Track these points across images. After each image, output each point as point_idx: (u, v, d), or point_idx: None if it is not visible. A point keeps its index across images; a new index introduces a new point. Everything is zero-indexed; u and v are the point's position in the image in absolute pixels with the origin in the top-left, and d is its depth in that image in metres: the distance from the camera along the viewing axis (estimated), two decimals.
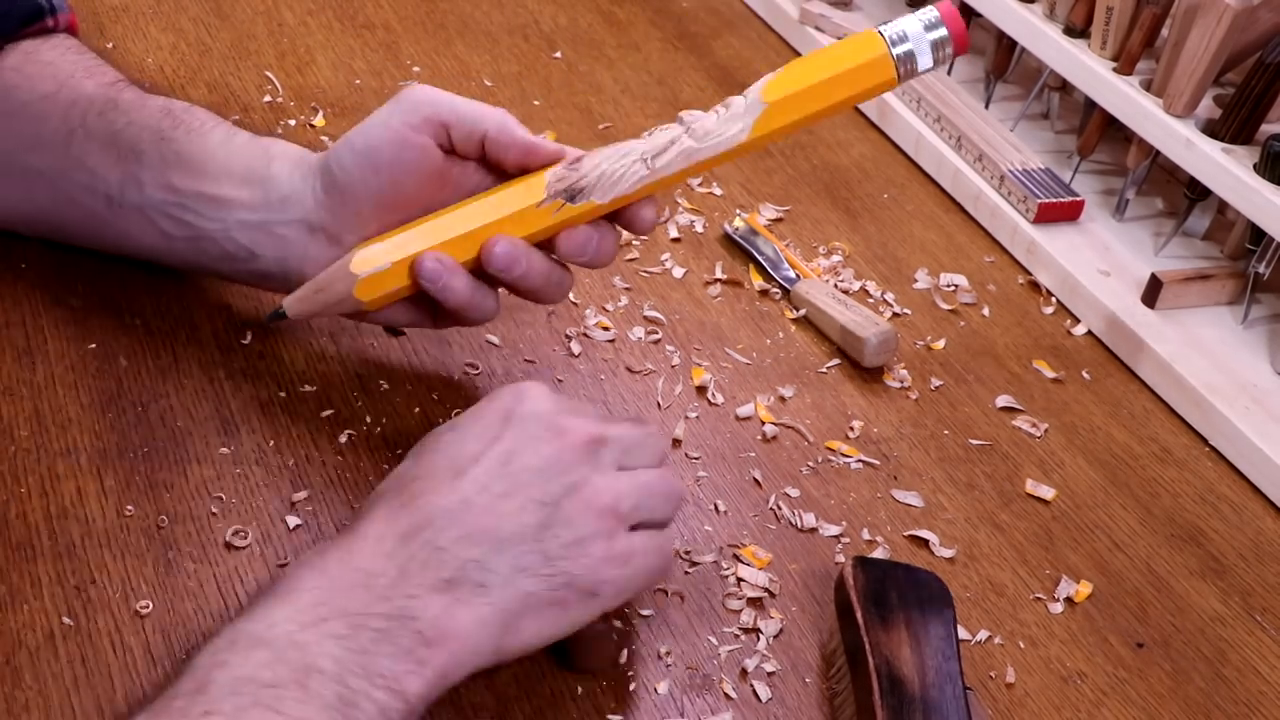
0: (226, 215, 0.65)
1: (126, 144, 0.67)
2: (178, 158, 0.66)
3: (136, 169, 0.66)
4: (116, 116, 0.67)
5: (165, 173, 0.66)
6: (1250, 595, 0.70)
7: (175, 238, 0.67)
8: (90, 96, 0.68)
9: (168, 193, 0.66)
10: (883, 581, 0.59)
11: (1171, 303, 0.87)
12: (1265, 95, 0.83)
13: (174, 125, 0.67)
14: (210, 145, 0.66)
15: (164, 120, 0.67)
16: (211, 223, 0.66)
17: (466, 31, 1.08)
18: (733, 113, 0.64)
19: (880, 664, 0.56)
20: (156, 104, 0.68)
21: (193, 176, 0.66)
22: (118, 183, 0.67)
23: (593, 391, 0.74)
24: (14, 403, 0.65)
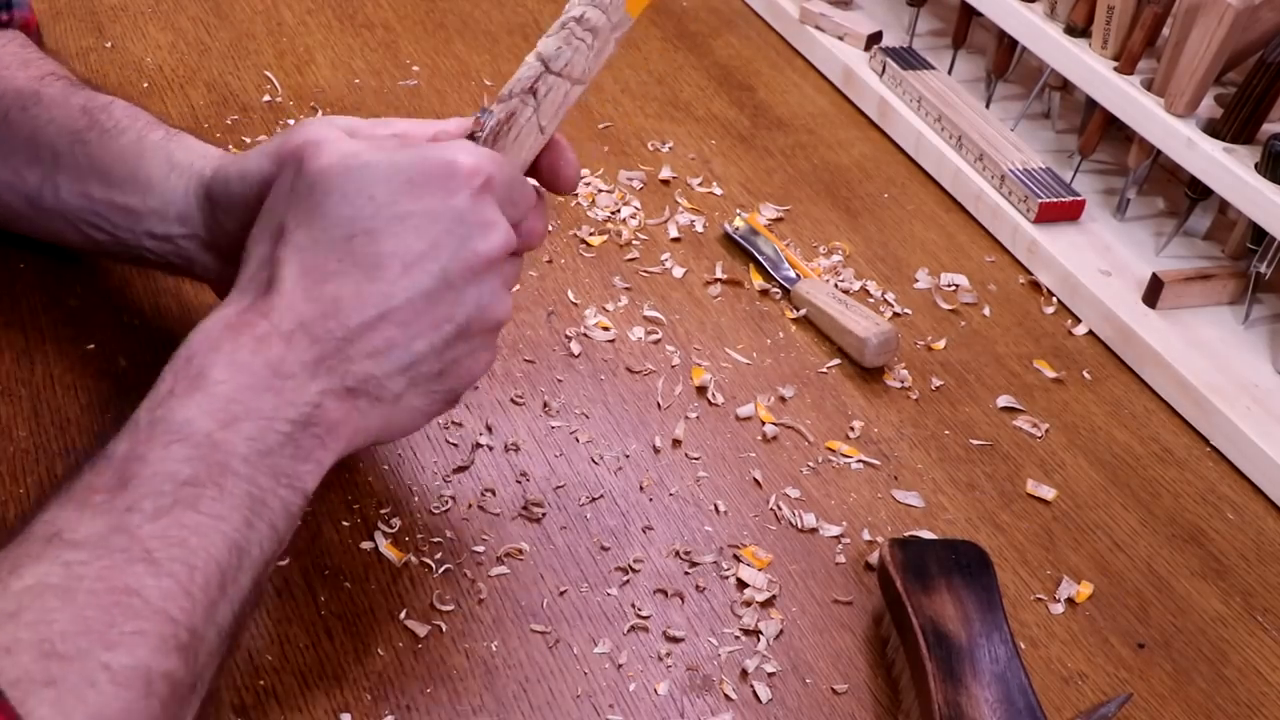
0: (136, 226, 0.64)
1: (46, 144, 0.65)
2: (90, 163, 0.64)
3: (54, 172, 0.65)
4: (39, 112, 0.66)
5: (81, 179, 0.64)
6: (1252, 596, 0.70)
7: (99, 242, 0.66)
8: (18, 89, 0.67)
9: (83, 199, 0.65)
10: (921, 555, 0.62)
11: (1173, 302, 0.87)
12: (1266, 95, 0.82)
13: (89, 126, 0.65)
14: (118, 150, 0.64)
15: (81, 120, 0.65)
16: (125, 233, 0.64)
17: (466, 31, 1.08)
18: (601, 40, 0.59)
19: (925, 623, 0.58)
20: (77, 101, 0.66)
21: (104, 185, 0.64)
22: (36, 185, 0.66)
23: (593, 391, 0.74)
24: (13, 403, 0.65)
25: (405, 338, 0.53)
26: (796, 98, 1.08)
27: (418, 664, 0.58)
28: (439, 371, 0.55)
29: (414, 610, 0.60)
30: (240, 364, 0.50)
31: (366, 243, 0.52)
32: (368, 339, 0.52)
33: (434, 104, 0.97)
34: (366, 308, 0.52)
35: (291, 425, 0.50)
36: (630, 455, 0.70)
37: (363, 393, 0.53)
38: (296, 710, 0.55)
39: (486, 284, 0.55)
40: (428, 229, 0.53)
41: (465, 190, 0.54)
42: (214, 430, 0.48)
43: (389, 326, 0.53)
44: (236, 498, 0.48)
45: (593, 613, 0.62)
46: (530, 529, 0.65)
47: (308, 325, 0.52)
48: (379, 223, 0.53)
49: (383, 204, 0.53)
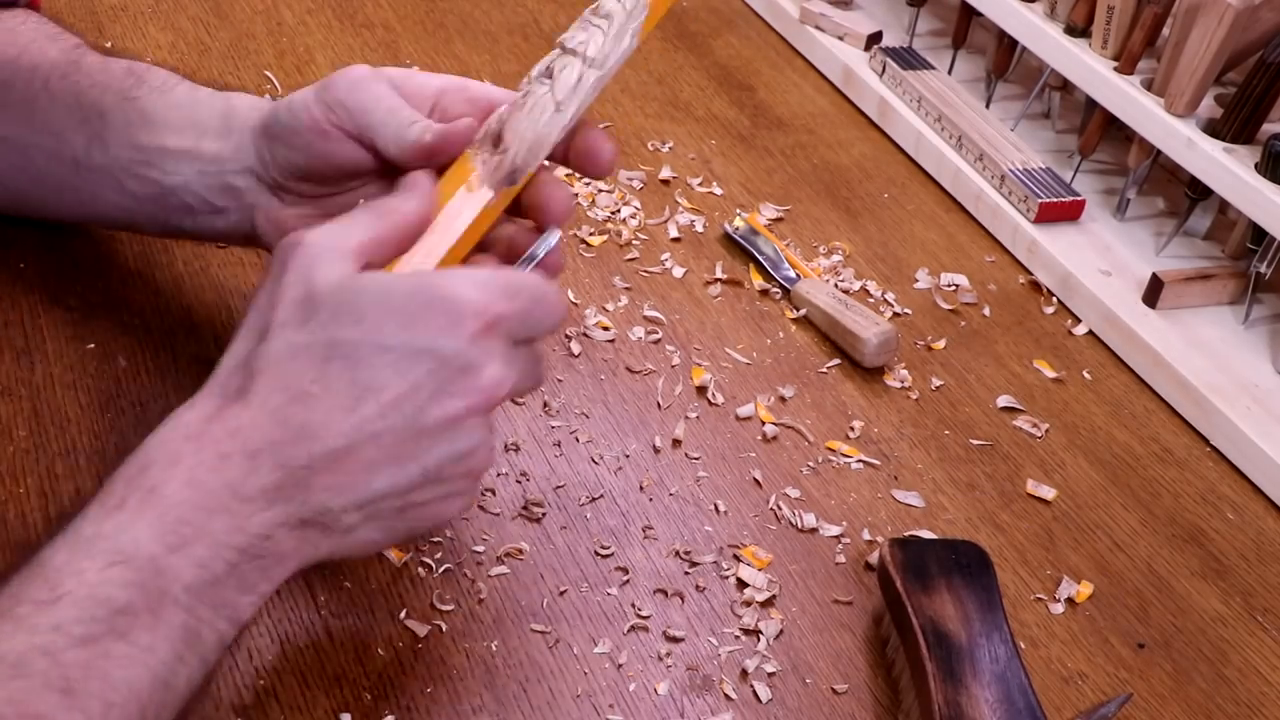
0: (187, 168, 0.64)
1: (91, 105, 0.66)
2: (141, 115, 0.65)
3: (101, 129, 0.65)
4: (80, 79, 0.66)
5: (129, 131, 0.65)
6: (1252, 596, 0.70)
7: (140, 196, 0.66)
8: (53, 61, 0.67)
9: (132, 150, 0.65)
10: (921, 555, 0.62)
11: (1173, 302, 0.87)
12: (1266, 95, 0.82)
13: (137, 84, 0.66)
14: (172, 101, 0.65)
15: (127, 80, 0.66)
16: (173, 177, 0.64)
17: (466, 31, 1.08)
18: (618, 24, 0.59)
19: (925, 623, 0.58)
20: (120, 65, 0.67)
21: (156, 132, 0.65)
22: (83, 145, 0.66)
23: (593, 391, 0.74)
24: (13, 403, 0.65)
25: (367, 475, 0.50)
26: (796, 98, 1.08)
27: (418, 664, 0.58)
28: (399, 509, 0.52)
29: (414, 610, 0.60)
30: (198, 482, 0.48)
31: (344, 369, 0.50)
32: (330, 472, 0.50)
33: None
34: (333, 438, 0.49)
35: (240, 554, 0.48)
36: (630, 455, 0.70)
37: (315, 524, 0.50)
38: (296, 710, 0.55)
39: (466, 432, 0.52)
40: (409, 368, 0.50)
41: (462, 331, 0.51)
42: (160, 555, 0.46)
43: (352, 462, 0.50)
44: (172, 629, 0.46)
45: (593, 613, 0.62)
46: (530, 529, 0.65)
47: (273, 449, 0.49)
48: (361, 351, 0.50)
49: (368, 331, 0.50)
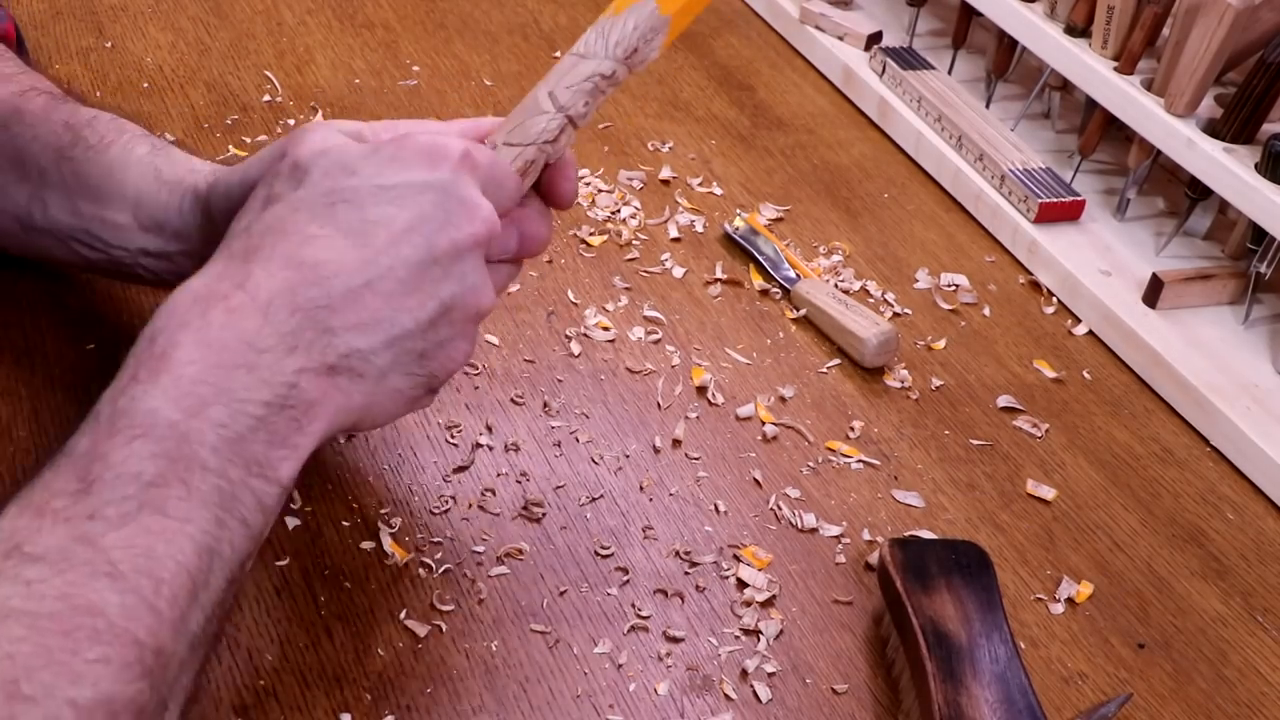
0: (129, 243, 0.63)
1: (31, 162, 0.64)
2: (77, 180, 0.63)
3: (41, 190, 0.64)
4: (21, 130, 0.64)
5: (69, 196, 0.63)
6: (1252, 596, 0.70)
7: (92, 260, 0.64)
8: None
9: (73, 218, 0.63)
10: (921, 555, 0.62)
11: (1173, 302, 0.87)
12: (1266, 95, 0.82)
13: (73, 142, 0.64)
14: (104, 165, 0.63)
15: (64, 136, 0.64)
16: (118, 250, 0.63)
17: (466, 31, 1.08)
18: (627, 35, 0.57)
19: (925, 623, 0.58)
20: (59, 116, 0.65)
21: (93, 202, 0.63)
22: (24, 204, 0.64)
23: (593, 391, 0.74)
24: (13, 403, 0.65)
25: (390, 310, 0.51)
26: (796, 98, 1.08)
27: (418, 664, 0.58)
28: (422, 352, 0.52)
29: (414, 610, 0.60)
30: (210, 340, 0.47)
31: (350, 210, 0.51)
32: (352, 309, 0.50)
33: (434, 104, 0.97)
34: (351, 274, 0.50)
35: (265, 407, 0.47)
36: (630, 455, 0.70)
37: (344, 369, 0.50)
38: (296, 710, 0.55)
39: (471, 265, 0.53)
40: (413, 200, 0.51)
41: (446, 165, 0.52)
42: (180, 420, 0.45)
43: (374, 297, 0.50)
44: (205, 494, 0.45)
45: (593, 613, 0.62)
46: (530, 529, 0.65)
47: (287, 292, 0.49)
48: (363, 193, 0.51)
49: (366, 176, 0.52)
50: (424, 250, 0.51)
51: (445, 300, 0.52)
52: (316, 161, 0.52)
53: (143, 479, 0.44)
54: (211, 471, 0.46)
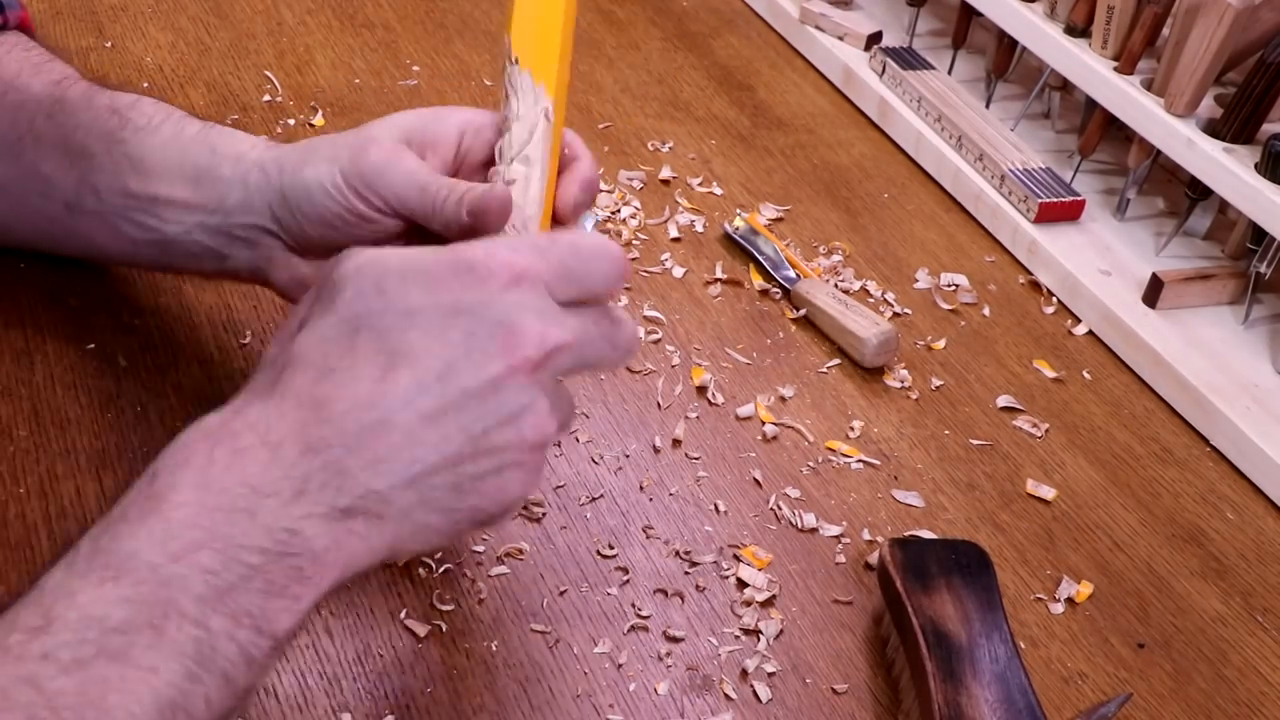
0: (186, 218, 0.62)
1: (78, 148, 0.64)
2: (129, 160, 0.63)
3: (90, 174, 0.64)
4: (65, 119, 0.64)
5: (120, 177, 0.63)
6: (1251, 595, 0.70)
7: (139, 241, 0.64)
8: (38, 98, 0.65)
9: (125, 198, 0.63)
10: (921, 555, 0.62)
11: (1172, 302, 0.87)
12: (1266, 95, 0.82)
13: (121, 125, 0.63)
14: (158, 144, 0.63)
15: (111, 120, 0.64)
16: (172, 226, 0.63)
17: (466, 31, 1.08)
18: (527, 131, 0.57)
19: (925, 623, 0.58)
20: (103, 101, 0.65)
21: (146, 179, 0.62)
22: (74, 189, 0.64)
23: (593, 391, 0.74)
24: (13, 403, 0.65)
25: (409, 447, 0.46)
26: (796, 98, 1.08)
27: (418, 664, 0.58)
28: (454, 486, 0.47)
29: (414, 610, 0.60)
30: (209, 482, 0.44)
31: (371, 338, 0.46)
32: (367, 447, 0.45)
33: (434, 104, 0.97)
34: (364, 411, 0.45)
35: (262, 555, 0.43)
36: (630, 455, 0.70)
37: (361, 511, 0.45)
38: (296, 710, 0.55)
39: (511, 393, 0.47)
40: (441, 329, 0.46)
41: (491, 286, 0.47)
42: (162, 564, 0.42)
43: (391, 433, 0.46)
44: (179, 644, 0.41)
45: (593, 613, 0.62)
46: (530, 529, 0.65)
47: (299, 432, 0.45)
48: (387, 318, 0.47)
49: (393, 299, 0.47)
50: (449, 383, 0.46)
51: (477, 434, 0.47)
52: (350, 280, 0.48)
53: (106, 623, 0.41)
54: (190, 620, 0.42)
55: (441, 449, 0.46)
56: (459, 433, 0.47)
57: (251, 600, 0.43)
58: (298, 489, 0.44)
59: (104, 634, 0.40)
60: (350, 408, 0.45)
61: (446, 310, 0.47)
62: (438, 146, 0.59)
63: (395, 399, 0.46)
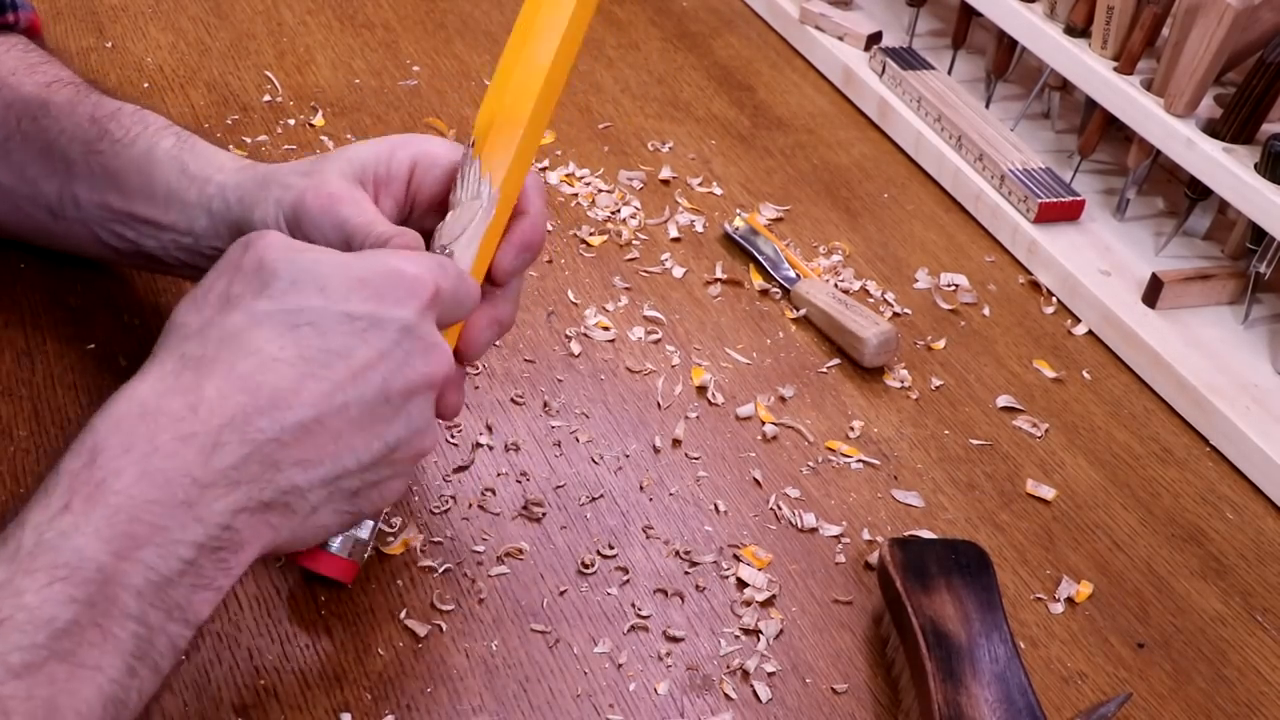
0: (161, 235, 0.63)
1: (59, 155, 0.64)
2: (105, 174, 0.63)
3: (71, 183, 0.64)
4: (49, 124, 0.65)
5: (98, 190, 0.63)
6: (1251, 595, 0.70)
7: (122, 251, 0.65)
8: (26, 99, 0.65)
9: (103, 210, 0.64)
10: (921, 554, 0.62)
11: (1172, 302, 0.87)
12: (1266, 95, 0.82)
13: (99, 136, 0.64)
14: (133, 161, 0.63)
15: (90, 130, 0.64)
16: (150, 241, 0.63)
17: (466, 31, 1.08)
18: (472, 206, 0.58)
19: (925, 623, 0.58)
20: (85, 110, 0.65)
21: (123, 196, 0.63)
22: (56, 196, 0.65)
23: (593, 391, 0.74)
24: (13, 403, 0.65)
25: (335, 449, 0.49)
26: (796, 98, 1.08)
27: (418, 664, 0.58)
28: (356, 490, 0.51)
29: (414, 610, 0.60)
30: (153, 471, 0.44)
31: (313, 335, 0.48)
32: (300, 445, 0.47)
33: (434, 104, 0.97)
34: (305, 407, 0.47)
35: (197, 549, 0.45)
36: (630, 455, 0.71)
37: (279, 505, 0.48)
38: (296, 710, 0.55)
39: (420, 407, 0.52)
40: (375, 336, 0.50)
41: (414, 302, 0.51)
42: (108, 562, 0.42)
43: (324, 433, 0.48)
44: (121, 641, 0.42)
45: (593, 613, 0.62)
46: (530, 529, 0.65)
47: (240, 421, 0.46)
48: (329, 318, 0.49)
49: (333, 299, 0.49)
50: (379, 388, 0.50)
51: (391, 442, 0.51)
52: (284, 267, 0.50)
53: (55, 625, 0.41)
54: (132, 618, 0.43)
55: (360, 455, 0.50)
56: (377, 440, 0.50)
57: (183, 594, 0.45)
58: (233, 481, 0.46)
59: (53, 636, 0.41)
60: (292, 403, 0.47)
61: (384, 320, 0.50)
62: (390, 184, 0.60)
63: (333, 401, 0.48)
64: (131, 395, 0.46)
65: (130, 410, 0.46)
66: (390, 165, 0.59)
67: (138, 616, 0.43)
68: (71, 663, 0.41)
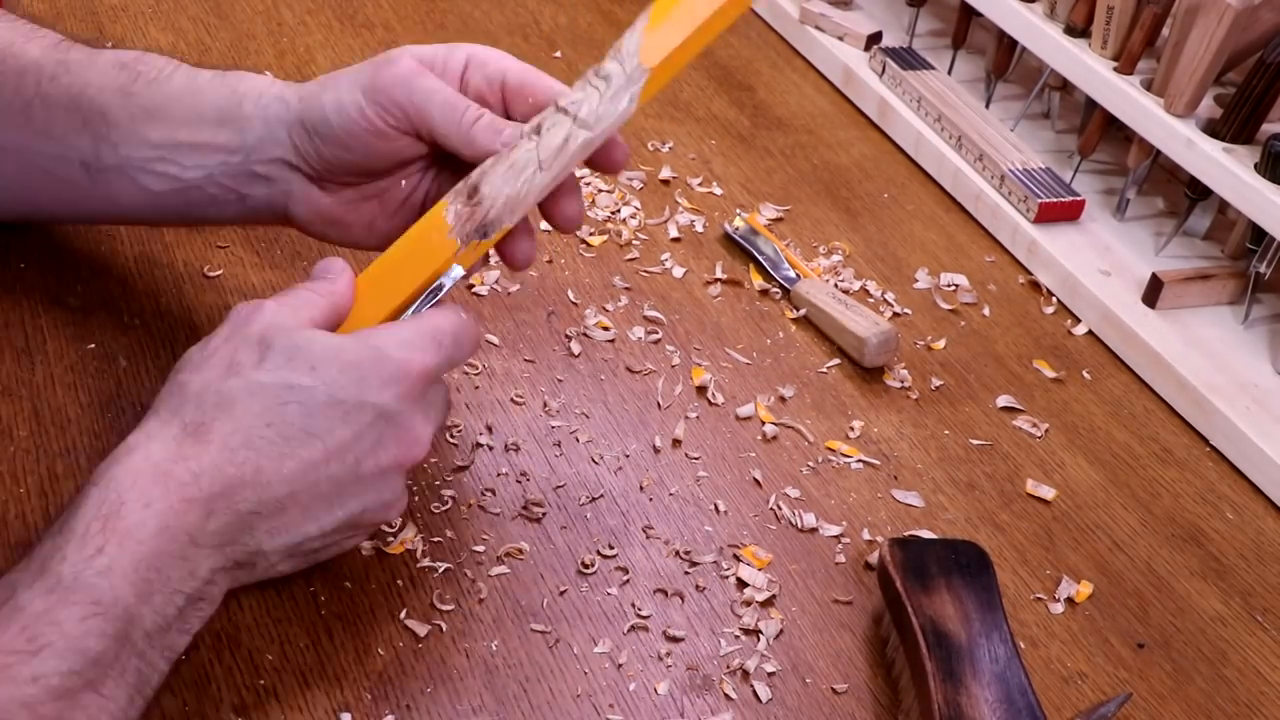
0: (207, 160, 0.63)
1: (90, 106, 0.64)
2: (145, 112, 0.63)
3: (105, 130, 0.64)
4: (71, 80, 0.64)
5: (137, 129, 0.64)
6: (1251, 595, 0.70)
7: (160, 192, 0.65)
8: (38, 62, 0.65)
9: (145, 148, 0.64)
10: (921, 554, 0.62)
11: (1172, 302, 0.87)
12: (1266, 95, 0.83)
13: (132, 79, 0.64)
14: (173, 91, 0.64)
15: (120, 75, 0.64)
16: (193, 171, 0.64)
17: (466, 31, 1.08)
18: (615, 87, 0.58)
19: (925, 623, 0.58)
20: (107, 59, 0.65)
21: (166, 127, 0.63)
22: (90, 147, 0.64)
23: (593, 391, 0.74)
24: (13, 403, 0.65)
25: (302, 519, 0.53)
26: (796, 98, 1.08)
27: (418, 664, 0.58)
28: (316, 549, 0.55)
29: (414, 610, 0.60)
30: (165, 528, 0.49)
31: (299, 415, 0.53)
32: (273, 517, 0.52)
33: None
34: (280, 484, 0.52)
35: (187, 599, 0.50)
36: (630, 455, 0.71)
37: (247, 564, 0.53)
38: (296, 710, 0.55)
39: (390, 483, 0.55)
40: (355, 420, 0.53)
41: (396, 389, 0.54)
42: (134, 604, 0.47)
43: (294, 507, 0.53)
44: (129, 675, 0.47)
45: (593, 613, 0.62)
46: (530, 529, 0.65)
47: (229, 493, 0.51)
48: (316, 399, 0.53)
49: (321, 379, 0.53)
50: (351, 468, 0.54)
51: (356, 511, 0.55)
52: (281, 345, 0.54)
53: (89, 655, 0.46)
54: (139, 655, 0.48)
55: (325, 525, 0.54)
56: (342, 512, 0.54)
57: (173, 636, 0.50)
58: (219, 544, 0.51)
59: (87, 665, 0.46)
60: (270, 480, 0.52)
61: (364, 405, 0.54)
62: (445, 78, 0.61)
63: (307, 479, 0.53)
64: (146, 454, 0.51)
65: (146, 468, 0.50)
66: (448, 61, 0.62)
67: (142, 654, 0.48)
68: (98, 692, 0.46)
